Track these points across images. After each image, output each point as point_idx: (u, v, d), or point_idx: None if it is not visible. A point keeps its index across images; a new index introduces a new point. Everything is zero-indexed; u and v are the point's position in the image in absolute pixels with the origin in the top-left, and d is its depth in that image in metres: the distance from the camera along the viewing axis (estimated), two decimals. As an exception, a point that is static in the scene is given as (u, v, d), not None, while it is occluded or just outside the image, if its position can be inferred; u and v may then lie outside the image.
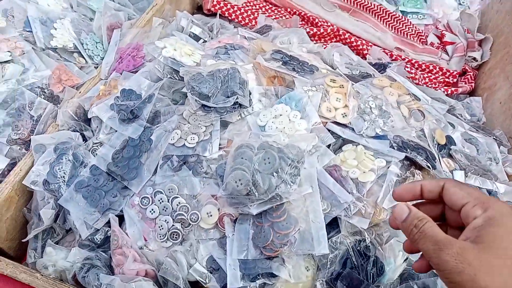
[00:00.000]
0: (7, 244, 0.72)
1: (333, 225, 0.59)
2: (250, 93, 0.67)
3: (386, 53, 1.08)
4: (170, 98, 0.72)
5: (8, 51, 0.76)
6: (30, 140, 0.71)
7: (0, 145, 0.72)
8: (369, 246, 0.58)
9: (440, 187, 0.43)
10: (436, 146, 0.69)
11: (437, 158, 0.67)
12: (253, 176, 0.52)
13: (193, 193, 0.60)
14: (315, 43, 1.04)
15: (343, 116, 0.66)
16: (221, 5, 1.12)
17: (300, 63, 0.74)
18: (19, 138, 0.73)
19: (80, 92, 0.79)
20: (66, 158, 0.67)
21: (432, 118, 0.71)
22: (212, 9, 1.12)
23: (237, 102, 0.64)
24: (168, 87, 0.73)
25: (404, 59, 1.10)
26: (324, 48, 0.95)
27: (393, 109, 0.69)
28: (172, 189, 0.61)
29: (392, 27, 1.23)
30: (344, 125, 0.66)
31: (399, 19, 1.22)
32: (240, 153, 0.53)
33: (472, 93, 1.05)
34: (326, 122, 0.66)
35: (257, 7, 1.21)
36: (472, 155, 0.71)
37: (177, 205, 0.60)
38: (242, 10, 1.14)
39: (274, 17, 1.18)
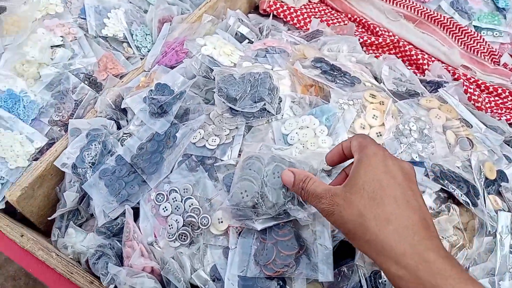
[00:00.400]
0: (38, 219, 0.76)
1: (348, 251, 0.55)
2: (280, 100, 0.64)
3: (449, 71, 0.99)
4: (203, 97, 0.71)
5: (61, 36, 0.80)
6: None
7: (42, 125, 0.76)
8: (385, 281, 0.53)
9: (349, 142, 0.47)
10: (484, 180, 0.61)
11: (481, 194, 0.60)
12: (261, 189, 0.49)
13: (207, 196, 0.59)
14: (369, 53, 0.98)
15: (377, 136, 0.61)
16: (277, 6, 1.09)
17: (341, 74, 0.69)
18: (59, 120, 0.77)
19: (122, 82, 0.81)
20: (95, 145, 0.69)
21: (483, 149, 0.63)
22: (268, 9, 1.10)
23: (264, 108, 0.62)
24: (202, 86, 0.72)
25: (469, 79, 1.00)
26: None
27: (437, 134, 0.63)
28: (187, 189, 0.60)
29: (461, 43, 1.13)
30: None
31: (471, 35, 1.12)
32: (249, 164, 0.51)
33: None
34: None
35: (316, 10, 1.17)
36: (526, 197, 0.62)
37: (190, 206, 0.59)
38: (299, 13, 1.11)
39: (331, 22, 1.14)
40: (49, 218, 0.72)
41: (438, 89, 0.73)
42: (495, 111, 0.95)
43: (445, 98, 0.70)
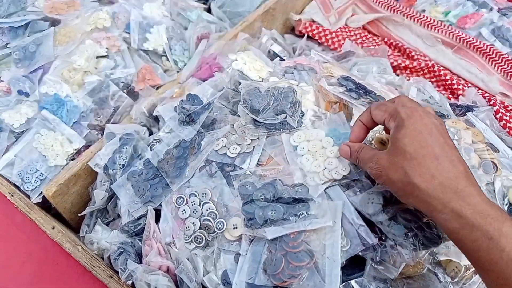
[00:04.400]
0: (70, 215, 0.81)
1: (359, 264, 0.54)
2: (302, 114, 0.66)
3: (484, 98, 0.97)
4: (230, 108, 0.74)
5: (106, 48, 0.87)
6: (105, 127, 0.79)
7: (82, 128, 0.82)
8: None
9: (369, 114, 0.52)
10: (507, 206, 0.59)
11: (505, 220, 0.57)
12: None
13: (224, 201, 0.61)
14: (399, 76, 0.98)
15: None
16: (313, 27, 1.12)
17: (366, 92, 0.70)
18: (97, 124, 0.82)
19: (157, 92, 0.86)
20: (127, 149, 0.73)
21: (509, 174, 0.61)
22: (303, 31, 1.13)
23: (285, 121, 0.64)
24: (230, 98, 0.75)
25: (506, 106, 0.97)
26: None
27: (460, 156, 0.61)
28: (206, 193, 0.62)
29: (501, 70, 1.10)
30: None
31: (511, 63, 1.08)
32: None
33: None
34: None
35: (351, 33, 1.19)
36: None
37: (207, 210, 0.61)
38: (334, 35, 1.13)
39: (365, 45, 1.15)
40: (80, 214, 0.77)
41: (467, 113, 0.72)
42: (533, 140, 0.91)
43: (473, 121, 0.69)
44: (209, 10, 1.17)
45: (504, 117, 0.90)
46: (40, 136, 0.79)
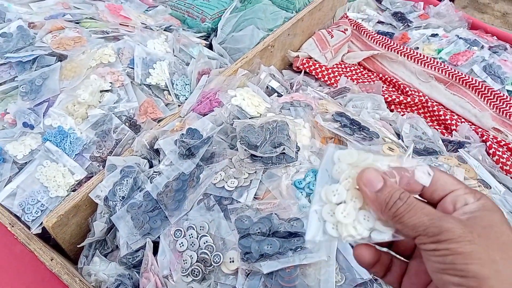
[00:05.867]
0: (69, 247, 0.81)
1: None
2: (298, 149, 0.68)
3: (477, 133, 1.00)
4: (229, 142, 0.77)
5: (110, 82, 0.90)
6: (107, 159, 0.81)
7: (84, 160, 0.84)
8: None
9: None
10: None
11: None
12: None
13: (221, 235, 0.62)
14: (394, 112, 1.00)
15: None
16: (309, 64, 1.16)
17: (360, 128, 0.73)
18: (99, 156, 0.84)
19: (159, 125, 0.89)
20: (127, 181, 0.75)
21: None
22: (301, 67, 1.17)
23: (283, 154, 0.66)
24: (229, 132, 0.77)
25: (499, 142, 1.00)
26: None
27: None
28: (203, 227, 0.63)
29: (493, 106, 1.13)
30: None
31: (503, 99, 1.12)
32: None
33: None
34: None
35: (347, 69, 1.23)
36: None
37: (204, 243, 0.62)
38: (330, 71, 1.17)
39: (361, 80, 1.19)
40: (79, 246, 0.77)
41: (459, 149, 0.74)
42: (526, 175, 0.93)
43: (465, 158, 0.71)
44: (210, 46, 1.21)
45: (497, 152, 0.92)
46: (42, 167, 0.81)
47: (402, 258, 0.38)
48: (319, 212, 0.35)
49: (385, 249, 0.38)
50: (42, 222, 0.76)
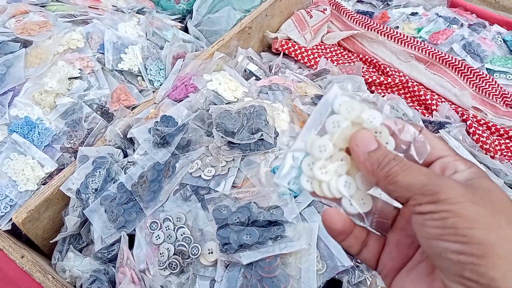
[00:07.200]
0: (42, 242, 0.78)
1: (336, 287, 0.54)
2: (277, 134, 0.66)
3: (457, 112, 0.99)
4: (205, 129, 0.74)
5: (79, 69, 0.85)
6: (78, 150, 0.77)
7: (54, 151, 0.80)
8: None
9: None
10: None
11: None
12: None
13: (199, 226, 0.60)
14: (374, 93, 0.99)
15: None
16: (289, 45, 1.13)
17: (340, 111, 0.71)
18: (70, 147, 0.81)
19: (132, 113, 0.85)
20: (100, 172, 0.72)
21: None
22: (280, 48, 1.14)
23: (261, 140, 0.63)
24: (205, 119, 0.75)
25: (479, 121, 0.99)
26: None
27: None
28: (180, 218, 0.61)
29: (473, 85, 1.13)
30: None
31: (483, 77, 1.11)
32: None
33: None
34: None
35: (327, 50, 1.20)
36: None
37: (181, 235, 0.60)
38: (309, 52, 1.14)
39: (341, 62, 1.16)
40: (51, 241, 0.74)
41: (439, 130, 0.73)
42: (505, 153, 0.93)
43: (445, 138, 0.70)
44: (185, 29, 1.17)
45: (477, 131, 0.92)
46: (10, 161, 0.77)
47: (379, 233, 0.34)
48: (298, 160, 0.32)
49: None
50: (11, 218, 0.72)
